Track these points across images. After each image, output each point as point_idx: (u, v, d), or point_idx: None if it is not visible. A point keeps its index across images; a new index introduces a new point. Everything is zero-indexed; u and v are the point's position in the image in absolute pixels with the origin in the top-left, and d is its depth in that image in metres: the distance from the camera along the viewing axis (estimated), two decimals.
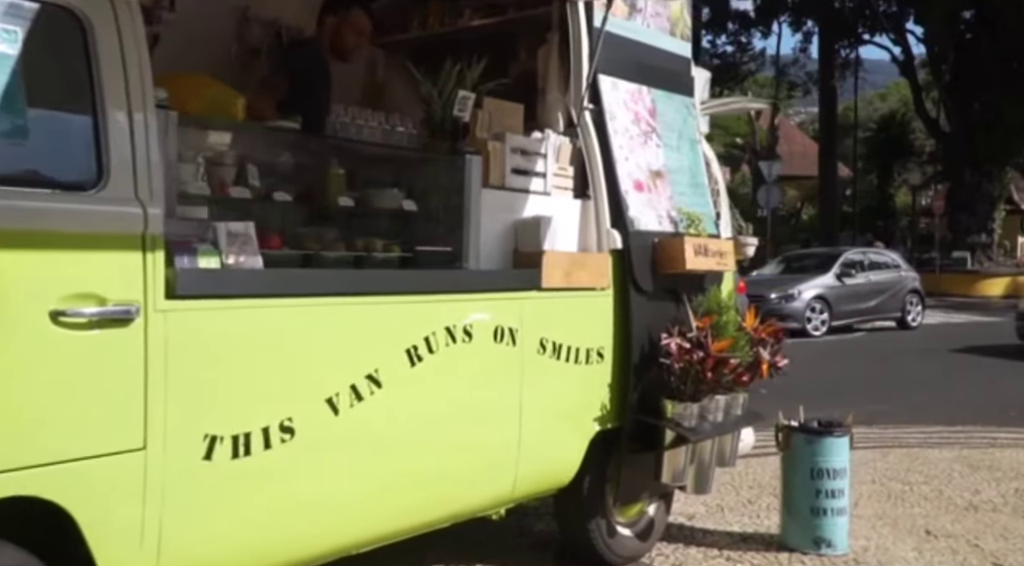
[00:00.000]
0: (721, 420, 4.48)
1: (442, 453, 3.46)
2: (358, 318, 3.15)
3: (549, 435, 3.97)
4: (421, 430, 3.37)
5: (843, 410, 9.49)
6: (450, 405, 3.48)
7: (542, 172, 4.16)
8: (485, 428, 3.65)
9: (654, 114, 4.69)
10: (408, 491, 3.34)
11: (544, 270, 3.86)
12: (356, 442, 3.13)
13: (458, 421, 3.51)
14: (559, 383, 3.99)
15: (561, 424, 4.04)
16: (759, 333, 4.61)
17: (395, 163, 3.81)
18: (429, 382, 3.38)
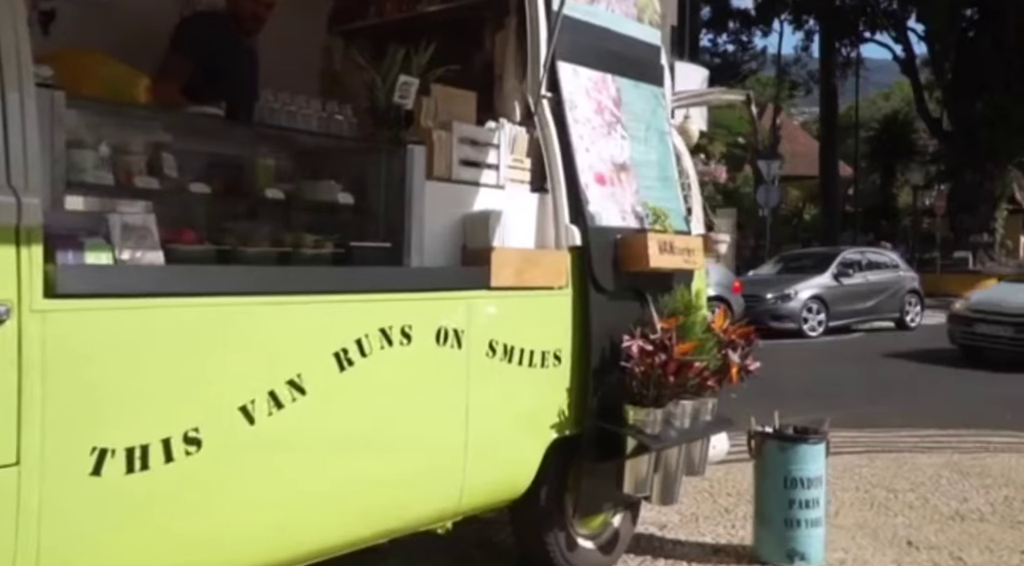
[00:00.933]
0: (688, 426, 4.24)
1: (376, 464, 3.22)
2: (278, 319, 2.92)
3: (500, 443, 3.74)
4: (351, 439, 3.13)
5: (835, 413, 9.27)
6: (385, 412, 3.25)
7: (495, 164, 3.93)
8: (426, 436, 3.41)
9: (619, 104, 4.45)
10: (337, 506, 3.11)
11: (493, 268, 3.63)
12: (275, 453, 2.90)
13: (394, 429, 3.28)
14: (511, 388, 3.75)
15: (514, 431, 3.80)
16: (729, 335, 4.37)
17: (332, 153, 3.58)
18: (361, 387, 3.15)
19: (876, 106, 49.88)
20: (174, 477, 2.60)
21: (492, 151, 3.92)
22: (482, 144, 3.88)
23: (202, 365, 2.69)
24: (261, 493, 2.86)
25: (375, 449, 3.21)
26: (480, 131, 3.87)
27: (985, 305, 12.99)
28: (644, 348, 3.96)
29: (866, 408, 9.49)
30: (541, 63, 4.04)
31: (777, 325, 15.52)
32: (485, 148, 3.89)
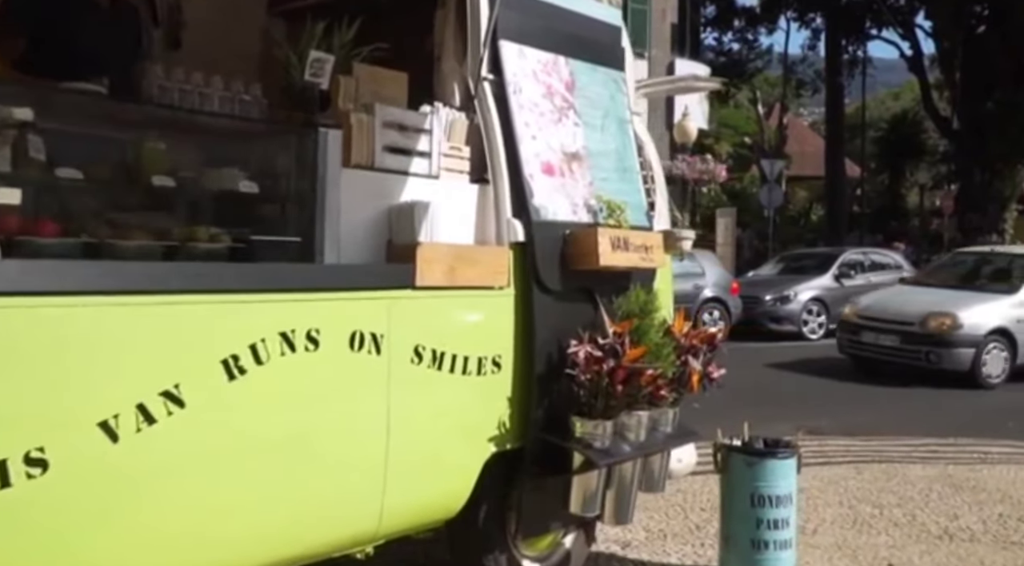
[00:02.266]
0: (645, 439, 3.88)
1: (273, 485, 2.87)
2: (151, 321, 2.57)
3: (429, 458, 3.39)
4: (242, 457, 2.79)
5: (828, 419, 9.00)
6: (286, 426, 2.90)
7: (426, 151, 3.59)
8: (336, 453, 3.06)
9: (572, 88, 4.09)
10: (223, 534, 2.76)
11: (419, 265, 3.28)
12: (145, 475, 2.55)
13: (296, 445, 2.93)
14: (441, 397, 3.41)
15: (445, 445, 3.46)
16: (690, 339, 4.01)
17: (236, 138, 3.24)
18: (255, 399, 2.80)
19: (885, 106, 49.30)
20: (11, 504, 2.26)
21: (424, 137, 3.58)
22: (412, 130, 3.53)
23: (50, 374, 2.35)
24: (126, 522, 2.52)
25: (272, 468, 2.87)
26: (409, 115, 3.53)
27: (872, 311, 11.80)
28: (592, 354, 3.60)
29: (862, 415, 9.11)
30: (481, 42, 3.69)
31: (776, 327, 15.13)
32: (415, 134, 3.55)
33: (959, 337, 10.75)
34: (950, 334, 10.76)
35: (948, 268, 13.18)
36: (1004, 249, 13.55)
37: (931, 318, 10.91)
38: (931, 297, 11.61)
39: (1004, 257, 12.59)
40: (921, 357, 10.85)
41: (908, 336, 10.95)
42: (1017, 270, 11.72)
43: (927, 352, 10.82)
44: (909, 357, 10.95)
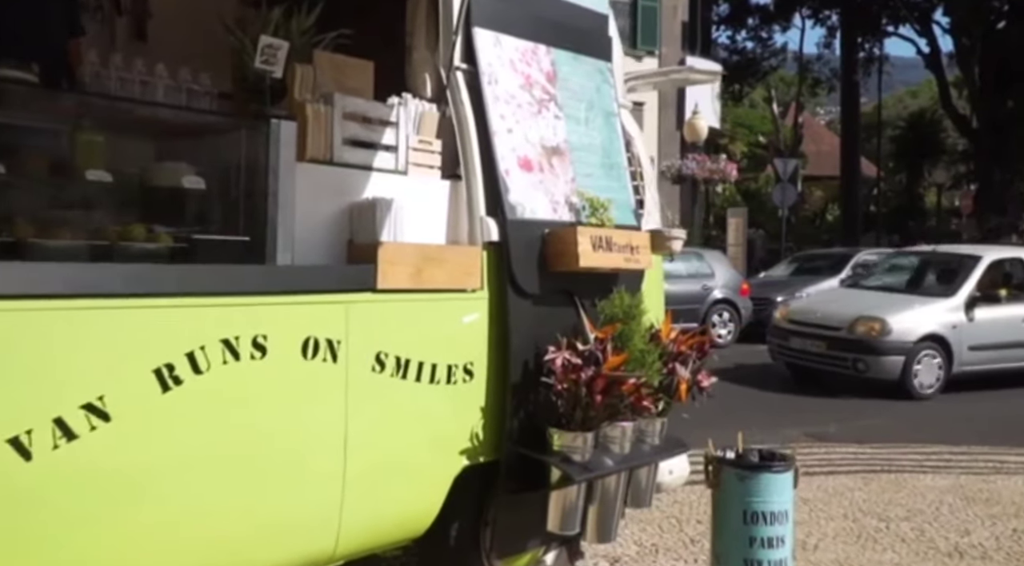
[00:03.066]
0: (629, 451, 3.65)
1: (213, 504, 2.66)
2: (71, 328, 2.36)
3: (392, 473, 3.16)
4: (178, 475, 2.57)
5: (839, 424, 8.72)
6: (227, 440, 2.68)
7: (393, 145, 3.37)
8: (285, 468, 2.84)
9: (554, 79, 3.86)
10: (156, 560, 2.54)
11: (380, 266, 3.06)
12: (64, 496, 2.34)
13: (240, 460, 2.71)
14: (406, 408, 3.19)
15: (411, 458, 3.23)
16: (679, 345, 3.77)
17: (181, 130, 3.03)
18: (193, 411, 2.59)
19: (903, 104, 48.76)
20: None
21: (390, 131, 3.36)
22: (377, 122, 3.32)
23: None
24: (41, 550, 2.31)
25: (213, 485, 2.65)
26: (373, 106, 3.31)
27: (801, 315, 10.83)
28: (569, 361, 3.37)
29: (874, 419, 8.81)
30: (453, 29, 3.47)
31: None
32: (381, 127, 3.33)
33: (887, 344, 9.83)
34: (878, 340, 9.85)
35: (890, 269, 12.17)
36: (948, 248, 12.16)
37: (859, 323, 10.02)
38: (864, 300, 10.77)
39: (947, 257, 11.48)
40: (848, 365, 9.96)
41: (835, 342, 10.01)
42: (960, 271, 10.66)
43: (854, 360, 9.91)
44: (837, 365, 10.05)
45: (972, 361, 10.19)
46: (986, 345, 10.24)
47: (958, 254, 11.36)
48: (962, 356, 10.11)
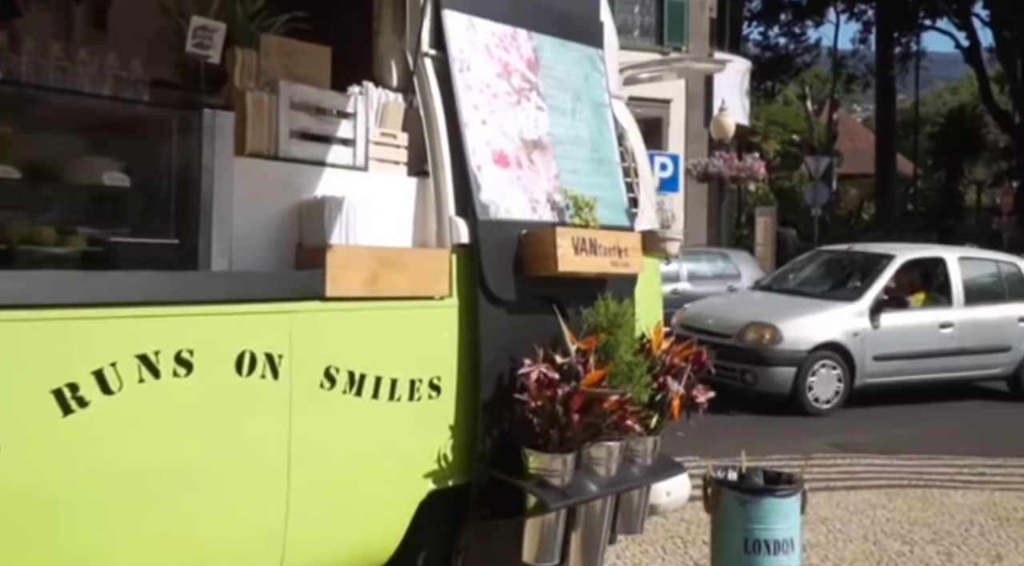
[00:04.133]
0: (617, 473, 3.33)
1: (126, 540, 2.37)
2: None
3: (345, 500, 2.87)
4: (81, 507, 2.29)
5: (865, 434, 8.28)
6: (143, 468, 2.40)
7: (350, 138, 3.07)
8: (214, 497, 2.55)
9: (535, 66, 3.55)
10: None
11: (329, 272, 2.77)
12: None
13: (159, 490, 2.43)
14: (361, 428, 2.89)
15: (367, 483, 2.93)
16: (672, 357, 3.44)
17: (104, 122, 2.74)
18: (101, 436, 2.31)
19: (942, 100, 47.70)
20: None
21: (347, 122, 3.06)
22: (331, 113, 3.02)
23: None
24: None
25: (123, 516, 2.37)
26: (328, 96, 3.02)
27: (694, 320, 9.70)
28: (546, 376, 3.06)
29: (904, 427, 8.37)
30: (420, 11, 3.17)
31: None
32: (336, 118, 3.04)
33: (778, 353, 8.81)
34: (768, 349, 8.84)
35: (801, 270, 10.92)
36: (863, 247, 11.06)
37: (750, 330, 8.99)
38: (761, 305, 9.82)
39: (860, 257, 10.41)
40: (737, 376, 8.81)
41: (725, 351, 8.36)
42: (871, 273, 9.59)
43: (743, 371, 8.81)
44: (725, 376, 8.43)
45: (877, 372, 9.07)
46: (893, 355, 9.14)
47: (871, 253, 10.29)
48: (865, 367, 9.01)
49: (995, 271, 10.17)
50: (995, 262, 10.35)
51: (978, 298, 9.80)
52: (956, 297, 9.65)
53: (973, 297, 9.75)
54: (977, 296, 9.80)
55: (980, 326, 9.63)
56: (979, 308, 9.72)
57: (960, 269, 9.80)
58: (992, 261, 10.39)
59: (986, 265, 10.28)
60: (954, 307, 9.62)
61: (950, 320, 9.52)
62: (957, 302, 9.64)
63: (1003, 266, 10.25)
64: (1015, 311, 9.90)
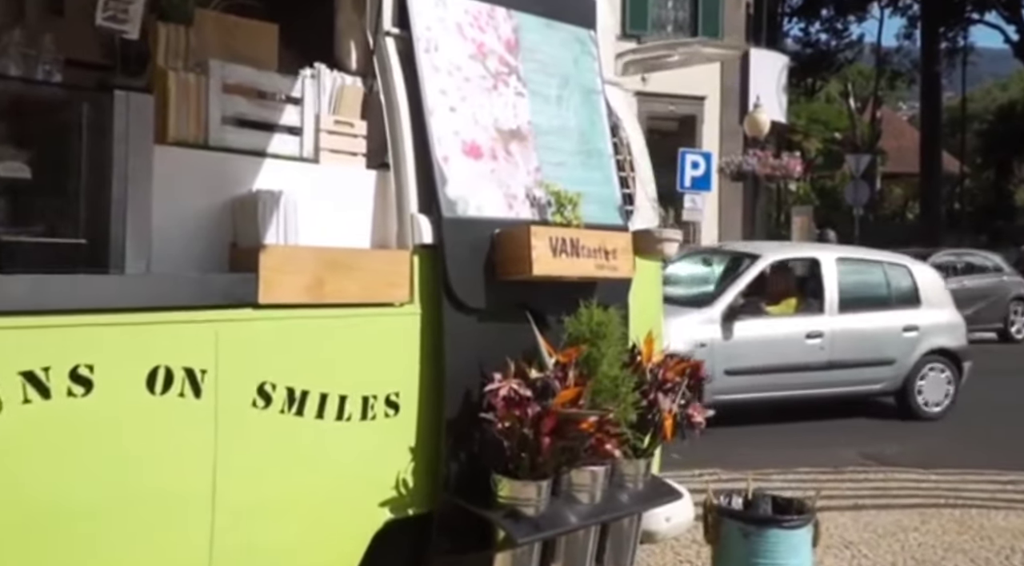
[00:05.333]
0: (601, 501, 2.97)
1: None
2: None
3: (281, 535, 2.54)
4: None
5: (898, 445, 7.79)
6: (26, 500, 2.09)
7: (297, 126, 2.75)
8: (121, 540, 2.23)
9: (516, 48, 3.21)
10: None
11: (263, 276, 2.45)
12: None
13: (48, 532, 2.11)
14: (303, 451, 2.57)
15: (310, 513, 2.60)
16: (665, 372, 3.08)
17: (3, 105, 2.43)
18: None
19: (991, 97, 46.44)
20: None
21: (293, 109, 2.74)
22: (274, 98, 2.70)
23: None
24: None
25: (6, 555, 2.06)
26: (268, 78, 2.70)
27: None
28: (517, 393, 2.71)
29: (940, 440, 7.87)
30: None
31: None
32: (280, 104, 2.72)
33: None
34: None
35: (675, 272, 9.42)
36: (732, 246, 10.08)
37: None
38: None
39: (726, 257, 9.37)
40: None
41: None
42: (730, 275, 8.57)
43: None
44: None
45: (729, 388, 7.59)
46: (747, 369, 7.83)
47: (735, 253, 9.23)
48: (714, 382, 7.43)
49: (880, 274, 8.77)
50: (881, 264, 8.85)
51: (857, 305, 8.41)
52: (829, 304, 8.25)
53: (851, 304, 8.37)
54: (856, 303, 8.42)
55: (856, 337, 8.24)
56: (856, 316, 8.31)
57: (836, 272, 8.42)
58: (878, 263, 8.87)
59: (870, 268, 8.83)
60: (826, 315, 8.21)
61: (819, 330, 8.11)
62: (830, 309, 8.24)
63: (891, 269, 8.81)
64: (900, 320, 8.48)
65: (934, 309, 8.75)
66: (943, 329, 8.76)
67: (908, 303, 8.67)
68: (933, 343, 8.64)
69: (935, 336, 8.67)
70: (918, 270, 8.93)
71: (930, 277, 9.02)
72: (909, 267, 8.91)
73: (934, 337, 8.66)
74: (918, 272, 8.89)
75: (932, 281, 8.96)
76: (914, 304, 8.68)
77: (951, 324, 8.89)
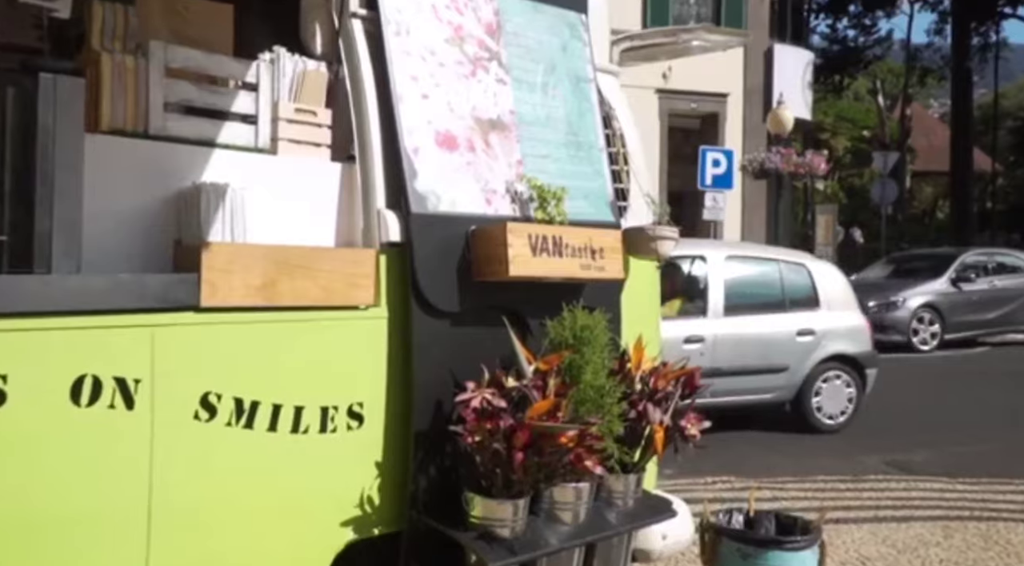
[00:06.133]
0: (586, 521, 2.74)
1: None
2: None
3: (228, 559, 2.33)
4: None
5: (926, 451, 7.46)
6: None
7: (251, 114, 2.54)
8: (43, 561, 2.04)
9: (497, 32, 2.98)
10: None
11: (206, 276, 2.24)
12: None
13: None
14: (254, 468, 2.36)
15: (262, 536, 2.40)
16: (656, 380, 2.84)
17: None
18: None
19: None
20: None
21: (246, 95, 2.53)
22: (225, 84, 2.49)
23: None
24: None
25: None
26: (218, 62, 2.49)
27: None
28: (490, 404, 2.49)
29: (970, 446, 7.53)
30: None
31: (881, 337, 13.37)
32: (232, 90, 2.51)
33: None
34: None
35: None
36: None
37: None
38: None
39: None
40: None
41: None
42: None
43: None
44: None
45: None
46: None
47: None
48: None
49: (775, 274, 7.98)
50: (777, 262, 8.05)
51: (746, 307, 7.72)
52: (713, 305, 7.60)
53: (739, 306, 7.69)
54: (745, 305, 7.74)
55: (742, 342, 7.55)
56: (744, 319, 7.63)
57: (724, 271, 7.75)
58: (773, 261, 8.07)
59: (763, 267, 8.02)
60: (709, 318, 7.56)
61: (700, 334, 7.43)
62: (714, 312, 7.59)
63: (787, 268, 8.02)
64: (794, 323, 7.77)
65: (835, 312, 7.95)
66: (844, 333, 7.94)
67: (805, 305, 7.91)
68: (831, 349, 7.82)
69: (834, 341, 7.85)
70: (818, 269, 8.14)
71: (832, 277, 8.19)
72: (808, 266, 8.14)
73: (833, 342, 7.85)
74: (818, 272, 8.09)
75: (834, 281, 8.15)
76: (812, 306, 7.88)
77: (853, 328, 8.06)
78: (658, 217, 3.15)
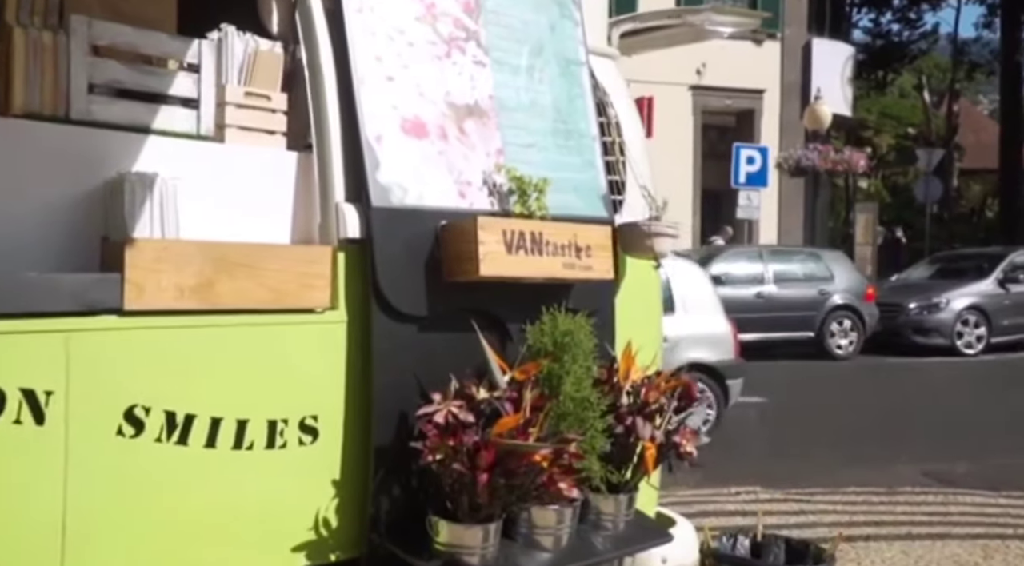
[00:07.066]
0: (568, 546, 2.48)
1: None
2: None
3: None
4: None
5: (967, 463, 7.08)
6: None
7: (192, 97, 2.31)
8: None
9: (476, 10, 2.73)
10: None
11: (130, 276, 2.01)
12: None
13: None
14: (189, 489, 2.13)
15: (195, 564, 2.16)
16: (648, 392, 2.56)
17: None
18: None
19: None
20: None
21: (187, 77, 2.30)
22: (162, 64, 2.26)
23: None
24: None
25: None
26: (153, 39, 2.26)
27: None
28: (456, 419, 2.23)
29: (1016, 457, 7.10)
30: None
31: (923, 340, 12.94)
32: (170, 72, 2.28)
33: None
34: None
35: None
36: None
37: None
38: None
39: None
40: None
41: None
42: None
43: None
44: None
45: None
46: None
47: None
48: None
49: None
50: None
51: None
52: None
53: None
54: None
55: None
56: None
57: None
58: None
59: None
60: None
61: None
62: None
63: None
64: None
65: (692, 316, 7.21)
66: (702, 340, 7.21)
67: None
68: (686, 357, 6.83)
69: (690, 349, 7.02)
70: (676, 271, 7.24)
71: (691, 279, 7.49)
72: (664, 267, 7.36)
73: (688, 350, 6.99)
74: (676, 273, 7.21)
75: (694, 284, 7.46)
76: (666, 311, 6.80)
77: (713, 335, 7.36)
78: (655, 212, 2.87)
